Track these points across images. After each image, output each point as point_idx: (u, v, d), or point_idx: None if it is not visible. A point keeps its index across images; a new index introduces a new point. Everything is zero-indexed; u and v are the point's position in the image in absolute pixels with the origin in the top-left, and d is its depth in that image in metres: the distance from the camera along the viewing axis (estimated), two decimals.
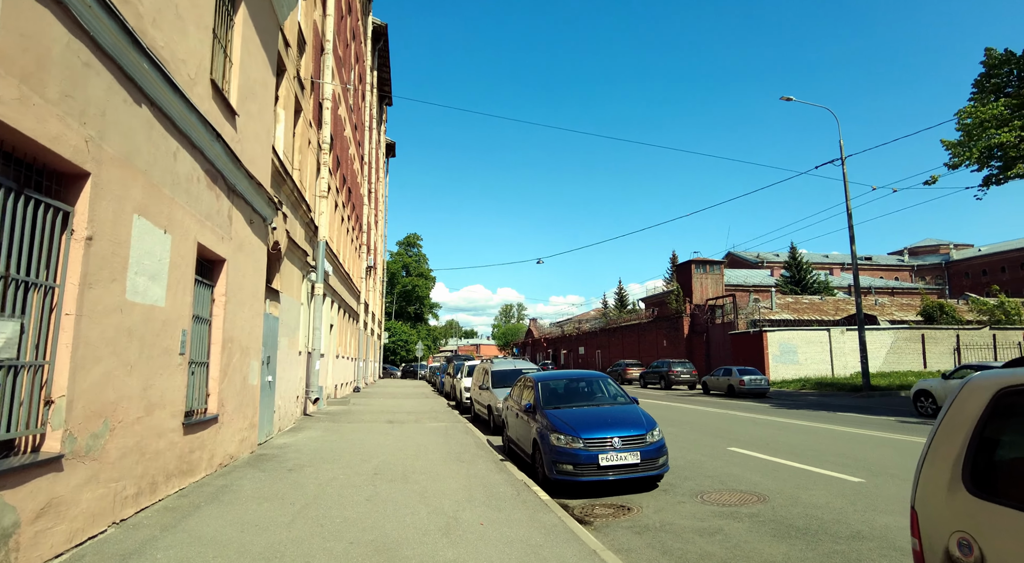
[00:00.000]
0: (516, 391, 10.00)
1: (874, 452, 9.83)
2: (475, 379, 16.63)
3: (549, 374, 9.58)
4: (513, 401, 9.90)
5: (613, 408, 8.20)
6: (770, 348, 33.69)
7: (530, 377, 9.48)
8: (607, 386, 9.07)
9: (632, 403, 8.47)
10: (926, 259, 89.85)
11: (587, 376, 9.41)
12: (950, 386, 16.12)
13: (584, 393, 8.96)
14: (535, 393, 8.66)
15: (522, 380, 9.90)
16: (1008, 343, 35.04)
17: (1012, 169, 15.30)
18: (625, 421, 7.61)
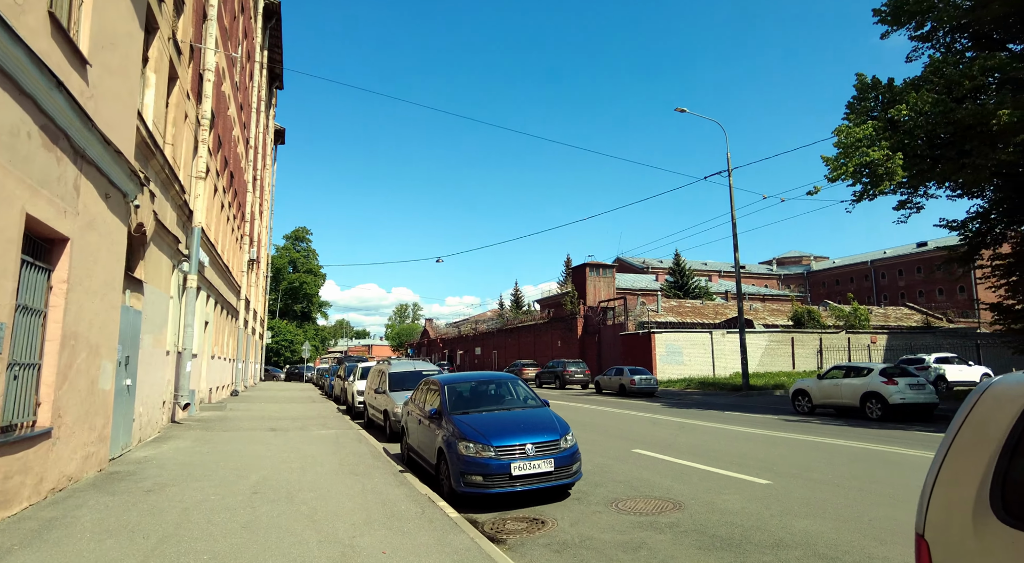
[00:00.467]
0: (419, 395, 9.24)
1: (770, 451, 10.10)
2: (370, 382, 15.58)
3: (455, 376, 8.93)
4: (415, 406, 9.14)
5: (525, 412, 7.70)
6: (657, 349, 35.07)
7: (435, 380, 8.77)
8: (517, 388, 8.57)
9: (544, 406, 8.03)
10: (791, 269, 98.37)
11: (496, 378, 8.86)
12: (824, 385, 17.31)
13: (493, 396, 8.39)
14: (441, 397, 7.97)
15: (425, 383, 9.17)
16: (859, 345, 38.92)
17: (879, 186, 16.64)
18: (538, 426, 7.13)
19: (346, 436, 12.30)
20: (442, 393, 8.04)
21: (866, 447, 10.50)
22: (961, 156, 15.57)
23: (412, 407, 9.28)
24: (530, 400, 8.26)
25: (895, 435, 12.34)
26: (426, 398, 8.71)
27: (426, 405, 8.51)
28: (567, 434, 7.08)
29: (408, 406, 9.60)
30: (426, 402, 8.62)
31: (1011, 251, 19.83)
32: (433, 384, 8.69)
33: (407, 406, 9.72)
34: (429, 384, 8.90)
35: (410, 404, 9.52)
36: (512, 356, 52.97)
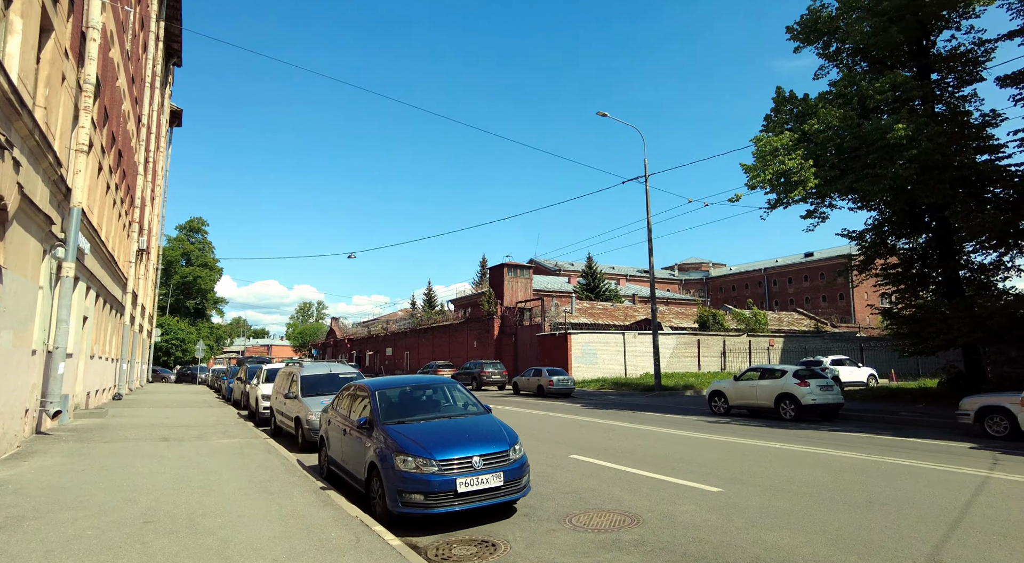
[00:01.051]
0: (343, 402, 8.28)
1: (707, 455, 9.99)
2: (277, 385, 14.23)
3: (386, 381, 8.05)
4: (337, 414, 8.18)
5: (468, 420, 6.99)
6: (573, 350, 35.33)
7: (363, 385, 7.86)
8: (456, 394, 7.84)
9: (487, 412, 7.36)
10: (692, 274, 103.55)
11: (433, 382, 8.08)
12: (740, 387, 17.81)
13: (430, 403, 7.61)
14: (372, 405, 7.10)
15: (351, 389, 8.23)
16: (759, 348, 41.22)
17: (792, 192, 17.25)
18: (484, 435, 6.46)
19: (252, 446, 11.02)
20: (373, 400, 7.17)
21: (793, 449, 10.66)
22: (865, 168, 16.53)
23: (334, 415, 8.30)
24: (471, 406, 7.57)
25: (813, 435, 12.73)
26: (352, 406, 7.79)
27: (352, 413, 7.60)
28: (516, 444, 6.46)
29: (329, 414, 8.61)
30: (352, 410, 7.70)
31: (899, 261, 21.39)
32: (361, 390, 7.78)
33: (327, 414, 8.72)
34: (356, 390, 7.98)
35: (331, 412, 8.53)
36: (426, 357, 51.77)
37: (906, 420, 15.39)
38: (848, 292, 78.24)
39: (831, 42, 21.95)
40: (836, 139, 16.55)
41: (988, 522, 5.70)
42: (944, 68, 20.73)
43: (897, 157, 16.10)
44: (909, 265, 21.17)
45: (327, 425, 8.50)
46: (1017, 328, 15.92)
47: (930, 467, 8.66)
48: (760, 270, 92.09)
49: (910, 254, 21.29)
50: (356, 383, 8.13)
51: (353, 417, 7.47)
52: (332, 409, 8.58)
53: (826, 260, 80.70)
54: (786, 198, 17.72)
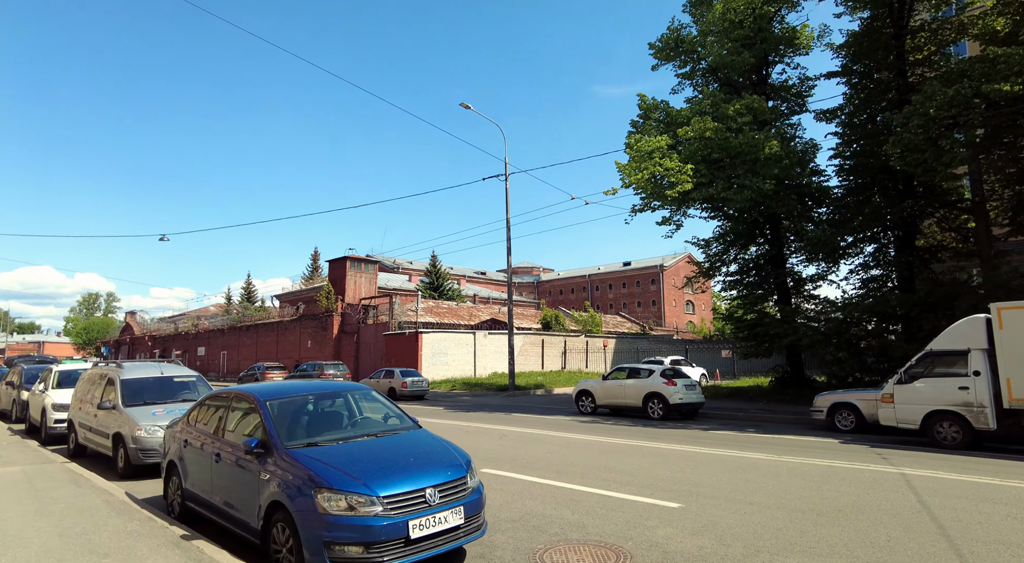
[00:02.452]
0: (206, 416, 6.19)
1: (627, 462, 9.33)
2: (81, 392, 10.99)
3: (275, 387, 6.08)
4: (198, 432, 6.08)
5: (401, 438, 5.43)
6: (424, 349, 33.84)
7: (244, 393, 5.86)
8: (373, 403, 6.20)
9: (418, 427, 5.85)
10: (524, 278, 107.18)
11: (339, 389, 6.30)
12: (607, 386, 17.87)
13: (342, 417, 5.88)
14: (265, 421, 5.22)
15: (223, 398, 6.16)
16: (595, 348, 43.18)
17: (672, 190, 17.54)
18: (432, 459, 4.99)
19: (47, 475, 8.15)
20: (264, 414, 5.28)
21: (699, 451, 10.49)
22: (732, 179, 17.56)
23: (192, 433, 6.16)
24: (392, 419, 5.99)
25: (698, 435, 12.89)
26: (226, 421, 5.78)
27: (229, 432, 5.63)
28: (471, 467, 5.09)
29: (182, 431, 6.41)
30: (227, 427, 5.71)
31: (738, 270, 23.38)
32: (241, 400, 5.80)
33: (177, 431, 6.51)
34: (232, 400, 5.95)
35: (186, 428, 6.35)
36: (248, 358, 46.53)
37: (757, 417, 16.47)
38: (660, 299, 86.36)
39: (688, 61, 23.34)
40: (705, 149, 17.33)
41: (971, 528, 5.59)
42: (777, 97, 23.07)
43: (762, 171, 17.26)
44: (746, 273, 23.16)
45: (181, 446, 6.29)
46: (840, 334, 17.87)
47: (847, 466, 8.83)
48: (585, 276, 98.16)
49: (748, 263, 23.31)
50: (235, 391, 6.07)
51: (231, 437, 5.51)
52: (188, 425, 6.40)
53: (642, 269, 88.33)
54: (659, 200, 18.15)
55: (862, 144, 20.02)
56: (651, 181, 17.15)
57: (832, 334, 17.18)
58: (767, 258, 22.54)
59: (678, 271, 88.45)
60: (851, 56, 20.45)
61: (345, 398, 6.09)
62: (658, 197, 17.81)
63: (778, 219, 21.73)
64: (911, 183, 18.63)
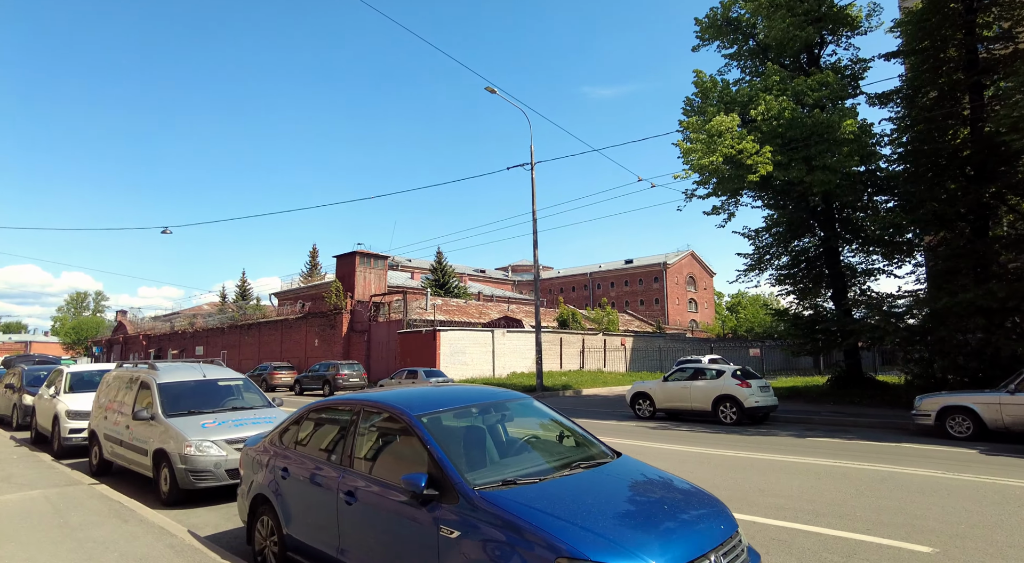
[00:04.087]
0: (311, 435, 4.63)
1: (778, 482, 7.79)
2: (105, 398, 9.36)
3: (415, 395, 4.45)
4: (301, 459, 4.53)
5: (615, 470, 3.86)
6: (442, 348, 32.24)
7: (382, 404, 4.23)
8: (539, 416, 4.64)
9: (621, 455, 4.27)
10: (523, 276, 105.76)
11: (499, 398, 4.60)
12: (669, 388, 16.38)
13: (515, 441, 4.29)
14: (428, 446, 3.62)
15: (344, 410, 4.55)
16: (612, 346, 41.74)
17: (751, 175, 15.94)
18: (684, 503, 3.47)
19: (77, 503, 6.56)
20: (425, 436, 3.70)
21: (829, 464, 9.03)
22: (811, 161, 16.13)
23: (298, 461, 4.58)
24: (569, 438, 4.41)
25: (796, 443, 11.50)
26: (355, 445, 4.20)
27: (362, 460, 4.07)
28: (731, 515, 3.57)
29: (279, 456, 4.81)
30: (357, 453, 4.15)
31: (788, 262, 21.98)
32: (379, 415, 4.22)
33: (273, 455, 4.91)
34: (360, 415, 4.34)
35: (285, 453, 4.76)
36: (251, 357, 44.70)
37: (837, 421, 15.04)
38: (663, 296, 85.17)
39: (736, 40, 21.93)
40: (781, 128, 15.88)
41: None
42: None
43: (840, 152, 15.85)
44: (798, 266, 21.77)
45: (276, 476, 4.70)
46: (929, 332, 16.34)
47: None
48: (586, 274, 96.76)
49: (798, 256, 21.91)
50: (358, 400, 4.46)
51: (370, 468, 3.95)
52: (280, 446, 4.83)
53: (645, 267, 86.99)
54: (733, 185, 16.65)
55: (924, 128, 18.68)
56: (725, 164, 15.66)
57: (920, 331, 15.78)
58: (821, 250, 21.16)
59: (681, 269, 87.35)
60: (912, 34, 19.11)
61: (508, 410, 4.52)
62: (733, 181, 16.33)
63: (832, 208, 20.38)
64: (983, 168, 17.32)
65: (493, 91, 27.06)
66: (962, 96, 18.51)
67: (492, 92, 27.08)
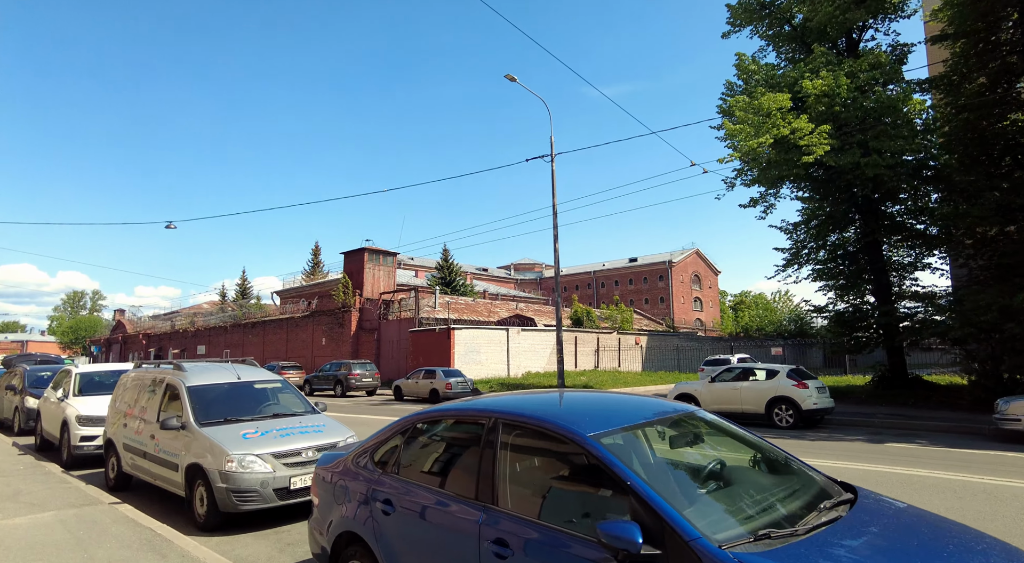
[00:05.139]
0: (417, 456, 3.63)
1: None
2: (123, 403, 8.28)
3: (583, 403, 3.41)
4: (407, 489, 3.48)
5: (878, 511, 2.84)
6: (457, 347, 31.16)
7: (531, 419, 3.13)
8: (721, 433, 3.58)
9: (828, 476, 3.24)
10: (526, 274, 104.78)
11: (674, 411, 3.48)
12: (717, 389, 15.40)
13: (723, 466, 3.23)
14: (629, 482, 2.55)
15: (465, 422, 3.53)
16: (627, 345, 40.73)
17: (805, 157, 14.88)
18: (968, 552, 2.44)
19: (101, 529, 5.51)
20: (618, 469, 2.60)
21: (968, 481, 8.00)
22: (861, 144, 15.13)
23: (403, 490, 3.51)
24: (810, 474, 3.30)
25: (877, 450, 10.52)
26: (498, 471, 3.14)
27: (517, 497, 3.00)
28: None
29: (373, 480, 3.75)
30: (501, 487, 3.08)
31: (827, 257, 20.98)
32: (521, 422, 3.17)
33: (362, 480, 3.84)
34: (488, 432, 3.26)
35: (381, 478, 3.70)
36: (255, 357, 43.45)
37: (899, 424, 14.04)
38: (668, 295, 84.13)
39: (774, 23, 20.91)
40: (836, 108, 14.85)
41: None
42: None
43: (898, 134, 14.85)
44: (837, 260, 20.77)
45: (373, 508, 3.63)
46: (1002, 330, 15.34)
47: None
48: (589, 272, 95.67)
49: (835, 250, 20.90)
50: (474, 410, 3.41)
51: (551, 513, 2.88)
52: (372, 468, 3.80)
53: (649, 265, 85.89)
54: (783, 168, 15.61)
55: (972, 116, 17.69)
56: (775, 146, 14.63)
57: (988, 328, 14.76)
58: (863, 244, 20.14)
59: (686, 267, 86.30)
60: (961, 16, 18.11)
61: (695, 426, 3.45)
62: (781, 166, 15.29)
63: (874, 200, 19.38)
64: None
65: (513, 79, 25.98)
66: (1016, 80, 17.56)
67: (512, 80, 26.02)
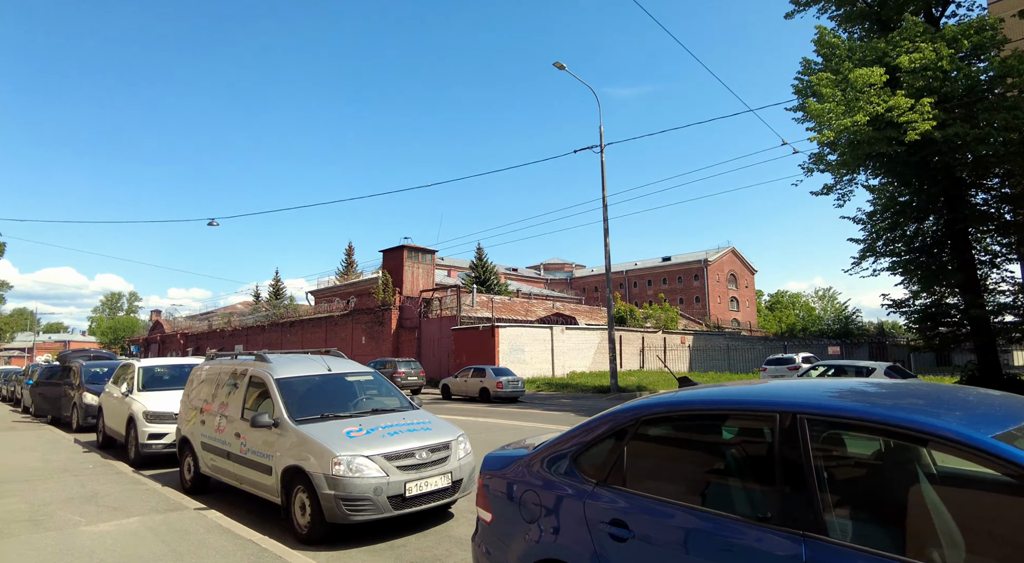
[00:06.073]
0: (688, 468, 2.72)
1: None
2: (198, 399, 7.60)
3: (917, 393, 2.53)
4: (673, 515, 2.56)
5: None
6: (501, 345, 30.36)
7: (901, 422, 2.12)
8: None
9: None
10: (556, 274, 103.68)
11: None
12: None
13: None
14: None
15: (772, 416, 2.52)
16: (672, 345, 39.51)
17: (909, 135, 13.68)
18: None
19: (195, 540, 4.77)
20: None
21: None
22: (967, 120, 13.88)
23: (659, 514, 2.62)
24: None
25: None
26: (806, 483, 2.24)
27: (839, 520, 2.11)
28: None
29: (601, 499, 2.88)
30: (835, 498, 2.18)
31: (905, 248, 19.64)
32: (846, 419, 2.27)
33: (579, 495, 2.97)
34: (800, 419, 2.36)
35: (630, 497, 2.81)
36: None
37: None
38: (704, 294, 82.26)
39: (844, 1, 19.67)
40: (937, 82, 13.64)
41: None
42: None
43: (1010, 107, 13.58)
44: (918, 252, 19.40)
45: (592, 531, 2.74)
46: None
47: None
48: (621, 272, 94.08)
49: (913, 241, 19.55)
50: (752, 402, 2.52)
51: (918, 546, 1.98)
52: (592, 477, 2.90)
53: (683, 264, 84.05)
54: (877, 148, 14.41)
55: None
56: (870, 125, 13.47)
57: None
58: (947, 233, 18.76)
59: (722, 266, 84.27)
60: None
61: None
62: (873, 145, 14.10)
63: (961, 186, 18.01)
64: None
65: (562, 67, 25.23)
66: None
67: (561, 67, 25.24)
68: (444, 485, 5.59)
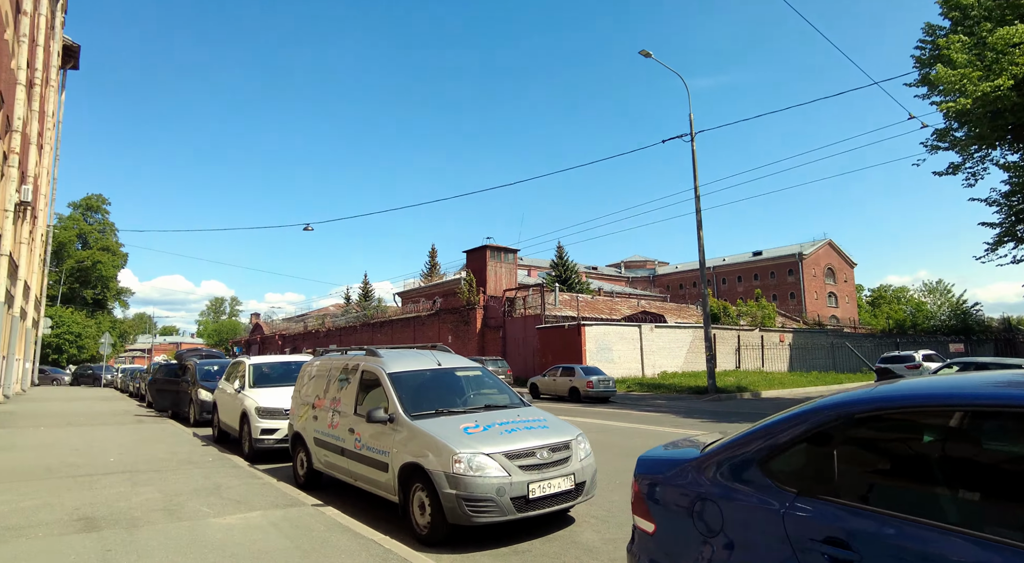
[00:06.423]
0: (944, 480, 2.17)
1: None
2: (309, 395, 7.64)
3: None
4: (926, 538, 2.06)
5: None
6: (588, 344, 29.75)
7: None
8: None
9: None
10: (637, 272, 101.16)
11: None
12: None
13: None
14: None
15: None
16: (770, 343, 37.34)
17: None
18: None
19: (314, 536, 4.67)
20: None
21: None
22: None
23: (901, 535, 2.14)
24: None
25: None
26: None
27: None
28: None
29: (813, 514, 2.43)
30: None
31: None
32: None
33: (791, 511, 2.54)
34: None
35: (855, 513, 2.35)
36: None
37: None
38: (800, 290, 77.64)
39: None
40: None
41: None
42: None
43: None
44: None
45: (801, 554, 2.29)
46: None
47: None
48: (709, 268, 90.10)
49: None
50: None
51: None
52: (797, 490, 2.43)
53: (776, 259, 79.58)
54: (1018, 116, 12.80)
55: None
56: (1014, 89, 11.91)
57: None
58: None
59: (818, 260, 79.24)
60: None
61: None
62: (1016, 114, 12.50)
63: None
64: None
65: (648, 55, 24.38)
66: None
67: (647, 55, 24.39)
68: (568, 487, 5.22)
